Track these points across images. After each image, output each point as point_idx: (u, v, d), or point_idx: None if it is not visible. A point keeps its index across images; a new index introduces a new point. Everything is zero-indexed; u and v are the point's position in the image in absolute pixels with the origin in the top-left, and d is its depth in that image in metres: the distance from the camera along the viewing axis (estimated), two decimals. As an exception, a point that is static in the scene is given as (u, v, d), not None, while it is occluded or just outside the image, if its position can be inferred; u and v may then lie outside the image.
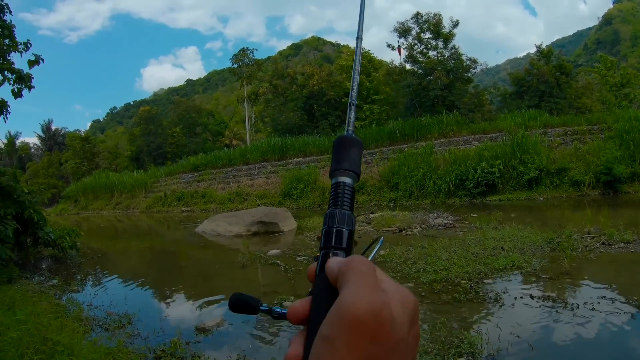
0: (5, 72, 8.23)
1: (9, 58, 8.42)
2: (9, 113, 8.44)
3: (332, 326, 0.32)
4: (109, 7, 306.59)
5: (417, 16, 32.28)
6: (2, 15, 8.06)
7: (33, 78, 8.73)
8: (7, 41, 8.23)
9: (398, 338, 0.33)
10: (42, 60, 8.62)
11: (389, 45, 33.86)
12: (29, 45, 8.63)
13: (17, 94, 8.52)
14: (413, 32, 32.66)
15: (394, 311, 0.33)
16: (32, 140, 61.42)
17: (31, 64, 8.44)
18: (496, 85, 45.09)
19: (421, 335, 4.18)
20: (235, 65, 46.49)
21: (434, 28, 31.83)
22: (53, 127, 59.20)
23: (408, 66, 34.75)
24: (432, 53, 32.67)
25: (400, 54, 32.68)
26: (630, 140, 16.53)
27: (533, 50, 39.62)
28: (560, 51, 43.65)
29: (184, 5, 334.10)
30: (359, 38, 0.65)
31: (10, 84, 8.40)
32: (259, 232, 13.06)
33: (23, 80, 8.51)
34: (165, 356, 4.28)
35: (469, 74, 33.40)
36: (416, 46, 32.76)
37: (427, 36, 32.51)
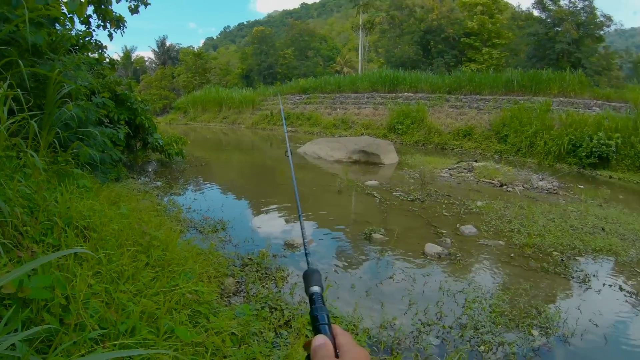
0: (123, -11, 8.46)
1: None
2: (126, 28, 8.72)
3: None
4: None
5: (551, -42, 27.83)
6: None
7: (149, -5, 8.98)
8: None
9: None
10: (159, -23, 8.70)
11: (517, -14, 30.12)
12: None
13: (133, 10, 8.93)
14: (545, -24, 28.44)
15: None
16: (147, 54, 65.24)
17: (147, -19, 8.62)
18: (629, 50, 39.86)
19: (501, 297, 4.03)
20: (352, -9, 44.33)
21: (568, -26, 27.36)
22: (167, 43, 61.22)
23: (536, 13, 31.44)
24: (563, 2, 29.30)
25: None
26: None
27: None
28: None
29: None
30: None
31: (127, 0, 8.66)
32: (359, 161, 12.95)
33: (139, -3, 8.75)
34: (251, 264, 4.46)
35: (601, 32, 29.49)
36: (547, -8, 28.69)
37: (560, -18, 28.18)
